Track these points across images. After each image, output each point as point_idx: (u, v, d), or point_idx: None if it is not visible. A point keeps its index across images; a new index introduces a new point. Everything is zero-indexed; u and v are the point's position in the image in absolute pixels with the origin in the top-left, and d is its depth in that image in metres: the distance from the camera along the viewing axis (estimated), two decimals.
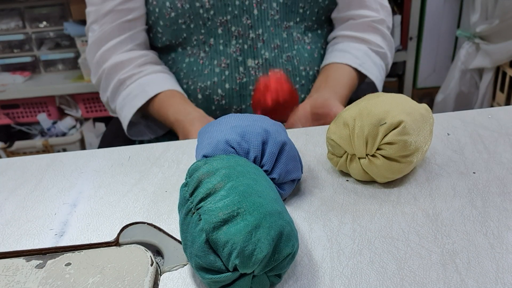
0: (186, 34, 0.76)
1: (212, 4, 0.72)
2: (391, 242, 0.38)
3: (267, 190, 0.35)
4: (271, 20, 0.75)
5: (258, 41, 0.75)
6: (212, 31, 0.74)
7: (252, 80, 0.76)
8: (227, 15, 0.73)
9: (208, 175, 0.35)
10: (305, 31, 0.79)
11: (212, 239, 0.31)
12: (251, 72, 0.76)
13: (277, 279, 0.34)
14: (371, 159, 0.43)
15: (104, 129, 1.82)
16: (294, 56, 0.77)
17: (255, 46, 0.75)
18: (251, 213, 0.32)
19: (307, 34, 0.79)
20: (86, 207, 0.46)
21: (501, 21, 1.45)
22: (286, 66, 0.77)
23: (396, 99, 0.45)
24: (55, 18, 1.75)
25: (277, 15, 0.75)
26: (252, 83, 0.76)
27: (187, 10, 0.72)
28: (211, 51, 0.76)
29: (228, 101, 0.77)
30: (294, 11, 0.76)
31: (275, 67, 0.76)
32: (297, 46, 0.77)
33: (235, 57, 0.75)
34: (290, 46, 0.77)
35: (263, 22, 0.74)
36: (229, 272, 0.31)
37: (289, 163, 0.42)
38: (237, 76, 0.76)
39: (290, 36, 0.77)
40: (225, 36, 0.75)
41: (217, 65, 0.76)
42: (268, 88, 0.65)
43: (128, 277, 0.35)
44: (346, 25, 0.80)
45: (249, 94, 0.77)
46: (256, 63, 0.76)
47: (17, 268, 0.37)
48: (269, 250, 0.31)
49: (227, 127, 0.43)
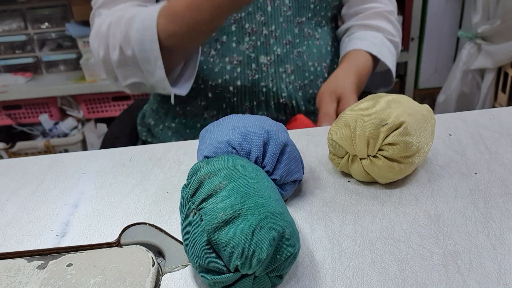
0: None
1: None
2: (392, 243, 0.38)
3: (269, 191, 0.35)
4: (284, 16, 0.75)
5: (271, 37, 0.75)
6: (226, 28, 0.74)
7: (264, 76, 0.76)
8: (241, 12, 0.73)
9: (209, 176, 0.35)
10: (316, 26, 0.79)
11: (213, 239, 0.31)
12: (263, 69, 0.76)
13: (279, 280, 0.34)
14: (372, 160, 0.43)
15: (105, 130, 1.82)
16: (304, 51, 0.78)
17: (268, 43, 0.75)
18: (253, 214, 0.32)
19: (317, 30, 0.80)
20: (88, 208, 0.46)
21: (502, 21, 1.45)
22: (296, 61, 0.77)
23: (398, 100, 0.45)
24: (57, 19, 1.76)
25: (289, 11, 0.75)
26: (263, 79, 0.76)
27: None
28: (222, 49, 0.75)
29: (239, 98, 0.77)
30: (306, 7, 0.76)
31: (286, 63, 0.77)
32: (307, 41, 0.78)
33: (247, 54, 0.75)
34: (301, 42, 0.77)
35: (276, 19, 0.75)
36: (230, 273, 0.31)
37: (291, 164, 0.42)
38: (249, 73, 0.76)
39: (302, 32, 0.77)
40: (238, 33, 0.74)
41: (229, 62, 0.75)
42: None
43: (130, 278, 0.35)
44: (359, 16, 0.82)
45: (260, 91, 0.77)
46: (268, 60, 0.76)
47: (18, 269, 0.37)
48: (270, 250, 0.31)
49: (228, 127, 0.43)
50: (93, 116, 1.86)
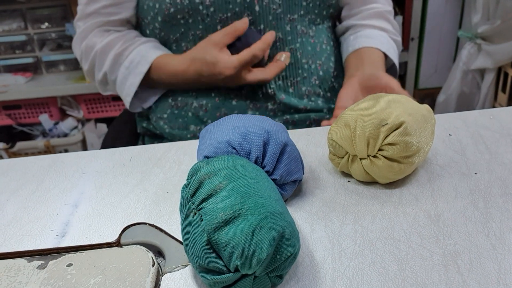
0: (183, 29, 0.75)
1: (212, 1, 0.71)
2: (392, 243, 0.38)
3: (269, 191, 0.35)
4: (273, 14, 0.74)
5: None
6: (211, 27, 0.74)
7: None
8: (228, 12, 0.72)
9: (209, 176, 0.35)
10: (309, 24, 0.79)
11: (213, 239, 0.31)
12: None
13: (279, 279, 0.34)
14: (372, 160, 0.43)
15: (105, 130, 1.82)
16: (298, 49, 0.77)
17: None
18: (253, 214, 0.32)
19: (311, 27, 0.79)
20: (88, 208, 0.46)
21: (502, 21, 1.45)
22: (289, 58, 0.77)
23: (398, 100, 0.45)
24: (57, 19, 1.76)
25: (279, 9, 0.74)
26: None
27: (186, 5, 0.72)
28: None
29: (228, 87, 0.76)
30: (298, 4, 0.76)
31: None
32: (301, 39, 0.77)
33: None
34: (294, 39, 0.77)
35: (265, 17, 0.74)
36: (230, 273, 0.31)
37: (291, 164, 0.42)
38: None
39: (294, 29, 0.76)
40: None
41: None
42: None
43: (130, 278, 0.35)
44: (360, 15, 0.83)
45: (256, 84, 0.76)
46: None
47: (18, 269, 0.37)
48: (270, 250, 0.31)
49: (228, 127, 0.43)
50: (93, 116, 1.86)
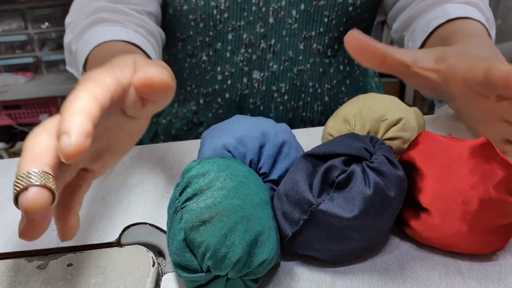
0: (192, 32, 0.70)
1: (227, 6, 0.66)
2: (392, 243, 0.38)
3: (252, 194, 0.34)
4: (287, 29, 0.68)
5: (268, 52, 0.69)
6: (222, 35, 0.69)
7: (254, 93, 0.71)
8: (241, 20, 0.67)
9: (197, 176, 0.35)
10: (330, 42, 0.70)
11: (189, 238, 0.32)
12: (255, 85, 0.71)
13: (254, 283, 0.33)
14: None
15: None
16: (307, 70, 0.71)
17: (264, 58, 0.69)
18: (229, 216, 0.32)
19: (330, 46, 0.70)
20: (88, 208, 0.46)
21: (503, 21, 1.45)
22: (294, 80, 0.71)
23: (392, 99, 0.46)
24: (57, 19, 1.76)
25: (295, 24, 0.68)
26: (252, 96, 0.71)
27: (200, 7, 0.67)
28: (215, 56, 0.71)
29: (225, 111, 0.73)
30: (317, 20, 0.68)
31: (281, 81, 0.70)
32: (313, 59, 0.70)
33: (241, 66, 0.70)
34: (305, 59, 0.70)
35: (277, 32, 0.68)
36: (203, 273, 0.32)
37: (289, 164, 0.42)
38: (239, 86, 0.71)
39: (308, 48, 0.69)
40: (235, 43, 0.69)
41: (220, 72, 0.71)
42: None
43: (130, 278, 0.35)
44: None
45: (247, 107, 0.72)
46: (261, 76, 0.70)
47: (19, 269, 0.37)
48: (242, 254, 0.31)
49: (226, 131, 0.43)
50: None
